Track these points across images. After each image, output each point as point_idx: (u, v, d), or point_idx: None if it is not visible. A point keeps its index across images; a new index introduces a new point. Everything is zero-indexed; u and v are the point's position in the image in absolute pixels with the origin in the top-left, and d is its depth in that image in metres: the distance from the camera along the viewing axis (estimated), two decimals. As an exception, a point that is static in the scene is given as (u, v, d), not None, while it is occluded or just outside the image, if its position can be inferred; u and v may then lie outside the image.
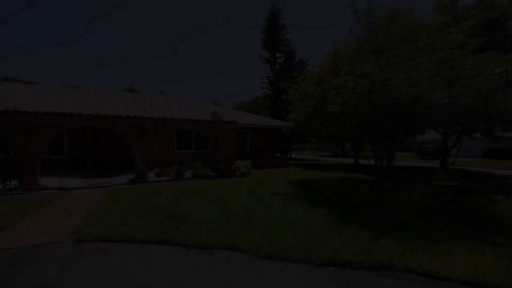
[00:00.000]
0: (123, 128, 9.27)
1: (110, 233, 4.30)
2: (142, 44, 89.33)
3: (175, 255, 3.75)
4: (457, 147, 13.64)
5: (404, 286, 3.09)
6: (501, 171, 14.22)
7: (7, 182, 7.73)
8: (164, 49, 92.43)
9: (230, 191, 7.69)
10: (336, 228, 4.65)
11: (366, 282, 3.13)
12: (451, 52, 6.15)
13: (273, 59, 26.85)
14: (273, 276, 3.21)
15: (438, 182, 10.47)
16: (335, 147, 40.61)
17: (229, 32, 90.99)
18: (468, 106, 6.04)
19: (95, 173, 11.41)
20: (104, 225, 4.67)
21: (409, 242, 4.07)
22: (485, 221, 5.30)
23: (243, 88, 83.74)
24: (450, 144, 14.23)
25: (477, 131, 12.21)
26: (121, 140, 11.86)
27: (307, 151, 49.91)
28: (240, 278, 3.17)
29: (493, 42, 10.59)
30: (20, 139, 7.90)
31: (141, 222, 4.83)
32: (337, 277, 3.22)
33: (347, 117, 7.46)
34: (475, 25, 7.41)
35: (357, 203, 6.48)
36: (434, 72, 5.99)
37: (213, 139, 11.05)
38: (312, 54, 66.08)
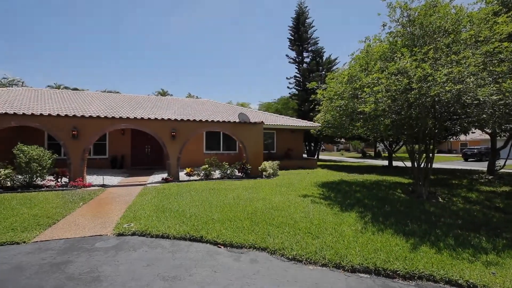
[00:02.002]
0: (157, 130, 9.84)
1: (148, 228, 4.60)
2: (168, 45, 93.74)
3: (205, 252, 3.89)
4: (507, 148, 12.24)
5: (445, 299, 2.87)
6: None
7: (59, 179, 8.63)
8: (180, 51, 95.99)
9: (257, 191, 7.76)
10: (368, 233, 4.46)
11: (403, 291, 2.97)
12: (500, 44, 5.57)
13: (300, 59, 26.53)
14: (302, 280, 3.18)
15: (485, 186, 9.52)
16: (365, 148, 38.89)
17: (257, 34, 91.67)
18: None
19: (132, 172, 12.27)
20: (142, 221, 5.01)
21: (452, 251, 3.77)
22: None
23: (270, 88, 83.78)
24: (499, 145, 12.82)
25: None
26: (155, 141, 12.58)
27: (335, 152, 48.44)
28: (267, 280, 3.19)
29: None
30: (69, 141, 8.78)
31: (174, 219, 5.08)
32: (371, 285, 3.09)
33: (380, 117, 7.12)
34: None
35: (391, 208, 6.15)
36: (480, 66, 5.47)
37: (240, 140, 11.24)
38: (341, 51, 64.10)
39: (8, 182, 7.87)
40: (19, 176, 8.04)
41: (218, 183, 9.16)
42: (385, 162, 21.09)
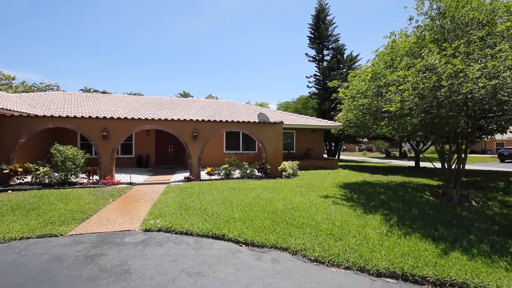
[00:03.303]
0: (180, 130, 10.16)
1: (172, 225, 4.78)
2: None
3: (227, 250, 3.97)
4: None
5: (481, 309, 2.70)
6: None
7: (90, 177, 9.21)
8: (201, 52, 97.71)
9: (277, 191, 7.75)
10: (394, 236, 4.29)
11: (433, 298, 2.83)
12: None
13: (320, 57, 26.07)
14: (325, 282, 3.14)
15: (525, 190, 8.76)
16: (390, 147, 37.31)
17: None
18: None
19: (156, 170, 12.77)
20: (167, 218, 5.21)
21: (487, 259, 3.52)
22: None
23: (289, 88, 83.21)
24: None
25: None
26: (178, 141, 13.01)
27: (356, 152, 46.98)
28: (289, 280, 3.19)
29: None
30: (100, 141, 9.34)
31: (197, 217, 5.23)
32: (397, 289, 2.98)
33: (406, 116, 6.81)
34: None
35: (419, 211, 5.86)
36: None
37: (259, 140, 11.28)
38: (363, 47, 62.24)
39: (46, 179, 8.54)
40: (56, 174, 8.69)
41: (238, 183, 9.26)
42: (411, 163, 20.12)
